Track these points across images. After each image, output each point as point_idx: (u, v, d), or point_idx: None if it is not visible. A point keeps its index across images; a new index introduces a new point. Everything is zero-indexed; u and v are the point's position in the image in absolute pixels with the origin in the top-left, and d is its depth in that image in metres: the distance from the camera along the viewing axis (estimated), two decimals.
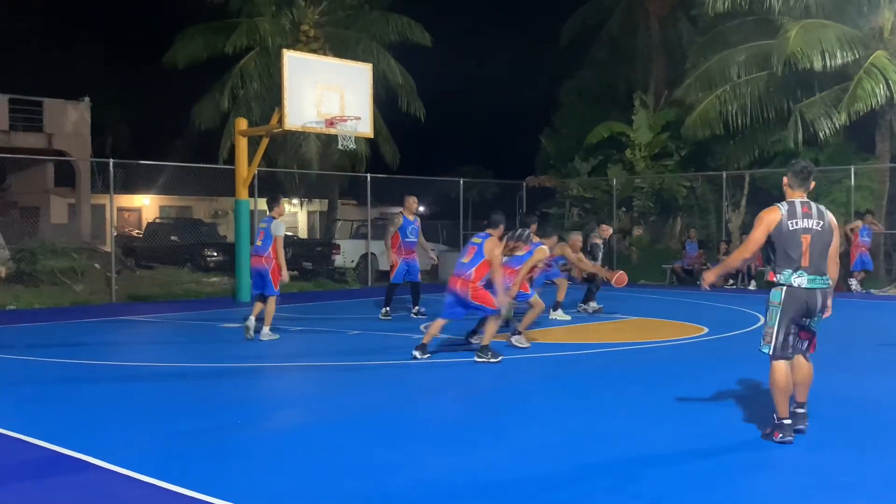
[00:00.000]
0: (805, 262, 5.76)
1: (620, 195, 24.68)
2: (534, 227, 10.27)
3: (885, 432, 6.16)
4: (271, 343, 10.94)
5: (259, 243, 11.39)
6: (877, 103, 18.38)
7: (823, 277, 5.80)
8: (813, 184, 6.06)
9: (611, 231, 14.38)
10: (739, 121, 21.23)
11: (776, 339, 5.85)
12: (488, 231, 9.58)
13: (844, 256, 18.61)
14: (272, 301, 11.28)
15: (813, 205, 5.90)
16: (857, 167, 19.75)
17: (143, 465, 5.26)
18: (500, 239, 9.68)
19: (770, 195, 14.31)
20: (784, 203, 5.92)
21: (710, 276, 6.40)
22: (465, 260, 9.40)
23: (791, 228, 5.78)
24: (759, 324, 11.37)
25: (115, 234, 19.58)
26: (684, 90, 22.54)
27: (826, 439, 5.96)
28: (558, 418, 6.72)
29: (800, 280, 5.76)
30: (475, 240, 9.56)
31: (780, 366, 5.86)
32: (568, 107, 29.28)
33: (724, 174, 21.83)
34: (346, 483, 4.99)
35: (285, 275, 11.51)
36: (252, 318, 11.33)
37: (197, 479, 5.00)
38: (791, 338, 5.88)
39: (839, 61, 18.84)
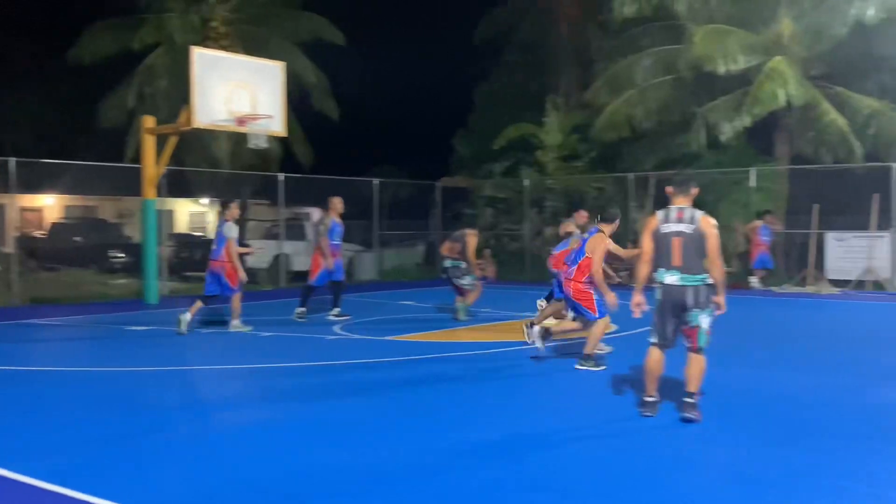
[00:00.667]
0: (676, 261, 6.32)
1: (532, 196, 25.01)
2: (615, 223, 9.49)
3: (785, 425, 6.42)
4: (183, 346, 10.77)
5: (214, 246, 11.80)
6: (777, 106, 19.08)
7: (695, 276, 6.30)
8: (695, 190, 6.54)
9: (586, 216, 13.61)
10: (645, 124, 21.78)
11: (656, 330, 6.55)
12: (599, 226, 8.94)
13: (745, 255, 19.32)
14: (235, 298, 11.80)
15: (688, 210, 6.42)
16: (758, 169, 20.45)
17: (49, 472, 5.12)
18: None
19: None
20: (663, 209, 6.51)
21: (637, 298, 6.71)
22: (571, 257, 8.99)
23: (664, 231, 6.38)
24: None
25: (17, 234, 18.92)
26: (593, 93, 22.98)
27: (732, 434, 6.19)
28: (473, 417, 6.80)
29: (671, 278, 6.34)
30: (584, 235, 9.09)
31: (653, 351, 6.58)
32: (482, 108, 29.54)
33: (631, 176, 22.33)
34: (265, 485, 4.97)
35: (242, 274, 11.83)
36: (189, 314, 11.55)
37: (107, 485, 4.91)
38: (669, 330, 6.47)
39: (741, 66, 19.51)
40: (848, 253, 18.82)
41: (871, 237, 18.32)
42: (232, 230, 11.66)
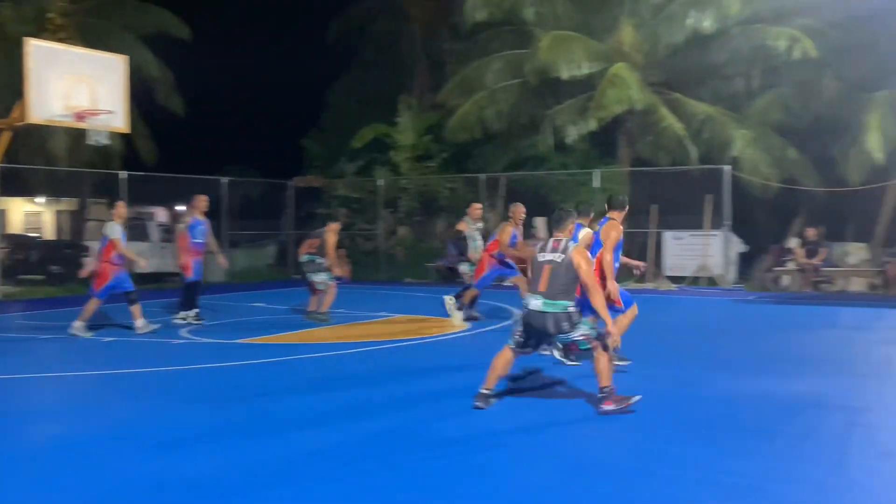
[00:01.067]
0: (542, 287, 6.68)
1: (386, 196, 25.08)
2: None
3: (629, 417, 6.66)
4: (20, 353, 10.26)
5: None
6: (619, 111, 19.87)
7: (556, 302, 6.62)
8: (571, 225, 6.95)
9: (480, 210, 13.45)
10: (496, 126, 22.23)
11: (518, 339, 6.88)
12: (609, 215, 8.52)
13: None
14: (92, 302, 11.45)
15: (564, 241, 6.81)
16: (601, 170, 21.21)
17: None
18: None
19: (525, 197, 15.07)
20: (542, 241, 6.99)
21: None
22: None
23: (539, 260, 6.80)
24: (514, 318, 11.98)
25: None
26: (445, 94, 23.28)
27: (579, 427, 6.41)
28: (324, 420, 6.73)
29: (535, 302, 6.70)
30: (594, 227, 8.71)
31: (506, 352, 6.91)
32: (336, 107, 29.39)
33: (482, 176, 22.72)
34: (114, 496, 4.78)
35: (142, 262, 12.43)
36: (141, 321, 11.60)
37: None
38: (531, 344, 6.88)
39: (585, 72, 20.21)
40: (684, 251, 19.86)
41: (705, 236, 19.38)
42: (113, 230, 11.43)
